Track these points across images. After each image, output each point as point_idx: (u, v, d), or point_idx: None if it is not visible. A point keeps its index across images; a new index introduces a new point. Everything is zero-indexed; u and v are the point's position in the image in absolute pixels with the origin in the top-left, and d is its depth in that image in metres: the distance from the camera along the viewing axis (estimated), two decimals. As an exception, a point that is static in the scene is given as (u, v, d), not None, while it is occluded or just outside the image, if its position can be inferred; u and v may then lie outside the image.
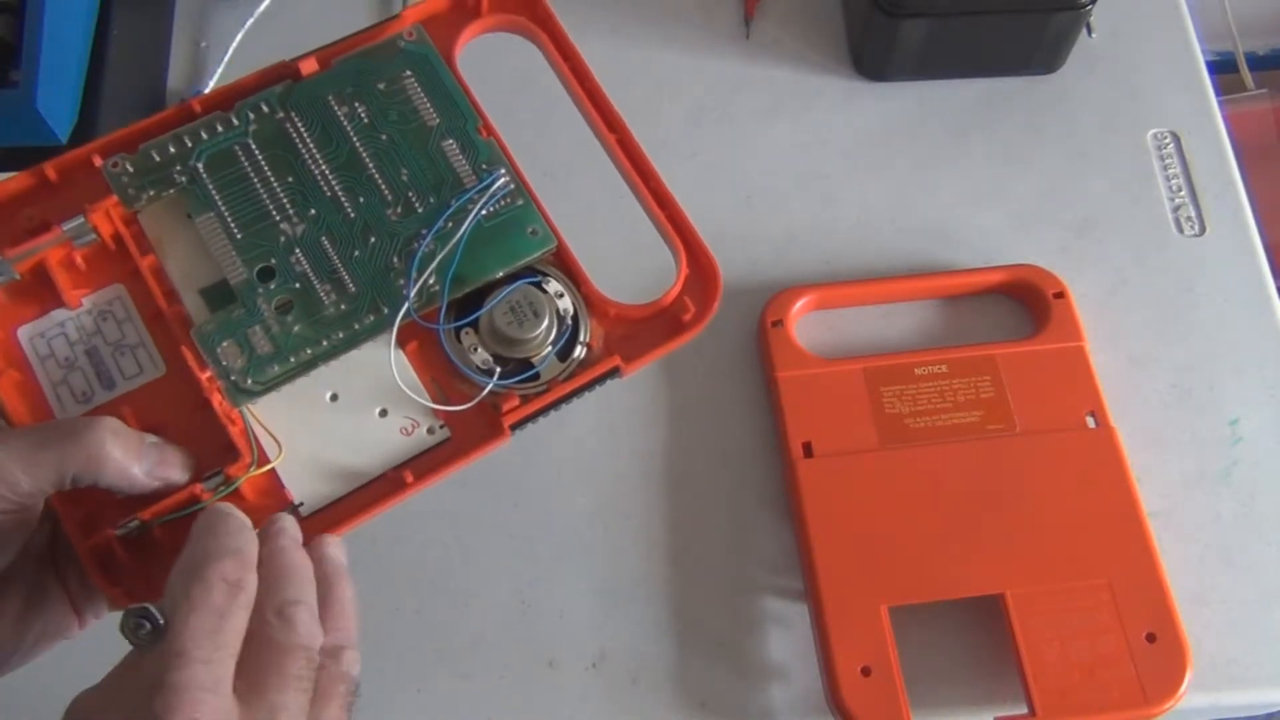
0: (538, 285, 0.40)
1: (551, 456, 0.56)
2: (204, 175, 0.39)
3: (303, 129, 0.40)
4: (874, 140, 0.65)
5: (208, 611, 0.30)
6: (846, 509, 0.53)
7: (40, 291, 0.39)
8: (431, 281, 0.39)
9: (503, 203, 0.40)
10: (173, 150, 0.39)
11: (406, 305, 0.38)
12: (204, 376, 0.38)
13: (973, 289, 0.60)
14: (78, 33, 0.59)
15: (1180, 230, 0.63)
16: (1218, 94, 0.67)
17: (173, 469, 0.36)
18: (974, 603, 0.51)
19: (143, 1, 0.65)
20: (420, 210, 0.40)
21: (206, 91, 0.40)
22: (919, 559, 0.51)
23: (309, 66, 0.41)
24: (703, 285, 0.40)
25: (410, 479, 0.38)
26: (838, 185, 0.64)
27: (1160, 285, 0.61)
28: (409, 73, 0.41)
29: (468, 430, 0.39)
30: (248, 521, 0.34)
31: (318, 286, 0.39)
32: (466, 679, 0.52)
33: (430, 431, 0.39)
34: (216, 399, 0.38)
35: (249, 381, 0.37)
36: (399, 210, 0.40)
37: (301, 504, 0.38)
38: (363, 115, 0.40)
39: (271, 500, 0.38)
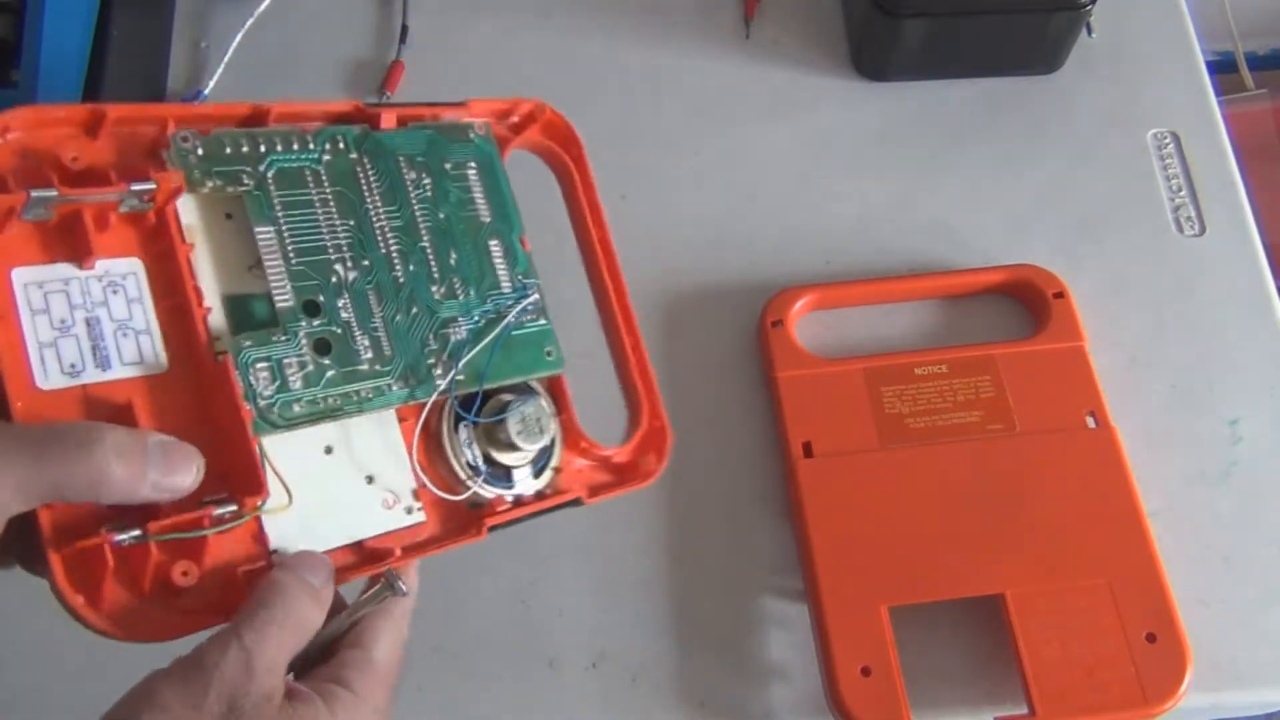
0: None
1: (551, 456, 0.56)
2: (272, 187, 0.37)
3: (372, 178, 0.40)
4: (874, 140, 0.65)
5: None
6: (846, 509, 0.53)
7: (51, 239, 0.34)
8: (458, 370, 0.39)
9: (530, 317, 0.41)
10: (245, 148, 0.37)
11: (447, 383, 0.38)
12: (239, 394, 0.34)
13: (973, 289, 0.60)
14: (78, 33, 0.59)
15: (1180, 230, 0.63)
16: (1218, 94, 0.67)
17: (180, 475, 0.32)
18: (974, 603, 0.51)
19: (143, 1, 0.65)
20: (460, 298, 0.40)
21: (279, 102, 0.39)
22: (919, 559, 0.51)
23: (389, 120, 0.41)
24: (657, 443, 0.44)
25: (398, 553, 0.38)
26: (838, 185, 0.64)
27: (1160, 285, 0.61)
28: (473, 164, 0.42)
29: (442, 519, 0.39)
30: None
31: (358, 337, 0.37)
32: (466, 679, 0.52)
33: (409, 511, 0.39)
34: (249, 420, 0.34)
35: (275, 413, 0.35)
36: (442, 290, 0.40)
37: (276, 551, 0.35)
38: (427, 186, 0.41)
39: (251, 543, 0.35)
